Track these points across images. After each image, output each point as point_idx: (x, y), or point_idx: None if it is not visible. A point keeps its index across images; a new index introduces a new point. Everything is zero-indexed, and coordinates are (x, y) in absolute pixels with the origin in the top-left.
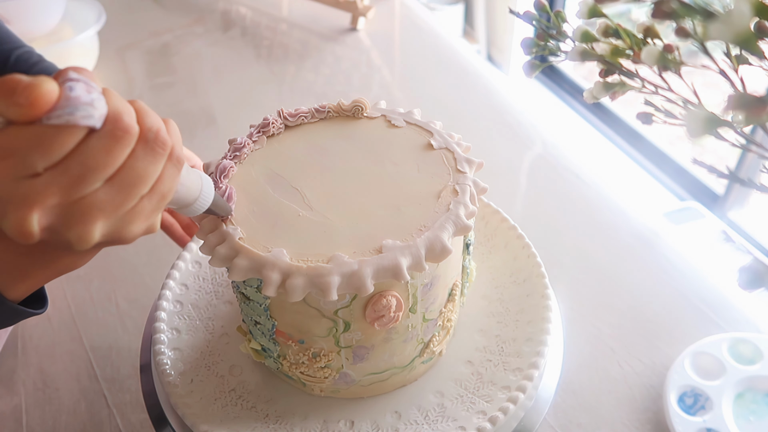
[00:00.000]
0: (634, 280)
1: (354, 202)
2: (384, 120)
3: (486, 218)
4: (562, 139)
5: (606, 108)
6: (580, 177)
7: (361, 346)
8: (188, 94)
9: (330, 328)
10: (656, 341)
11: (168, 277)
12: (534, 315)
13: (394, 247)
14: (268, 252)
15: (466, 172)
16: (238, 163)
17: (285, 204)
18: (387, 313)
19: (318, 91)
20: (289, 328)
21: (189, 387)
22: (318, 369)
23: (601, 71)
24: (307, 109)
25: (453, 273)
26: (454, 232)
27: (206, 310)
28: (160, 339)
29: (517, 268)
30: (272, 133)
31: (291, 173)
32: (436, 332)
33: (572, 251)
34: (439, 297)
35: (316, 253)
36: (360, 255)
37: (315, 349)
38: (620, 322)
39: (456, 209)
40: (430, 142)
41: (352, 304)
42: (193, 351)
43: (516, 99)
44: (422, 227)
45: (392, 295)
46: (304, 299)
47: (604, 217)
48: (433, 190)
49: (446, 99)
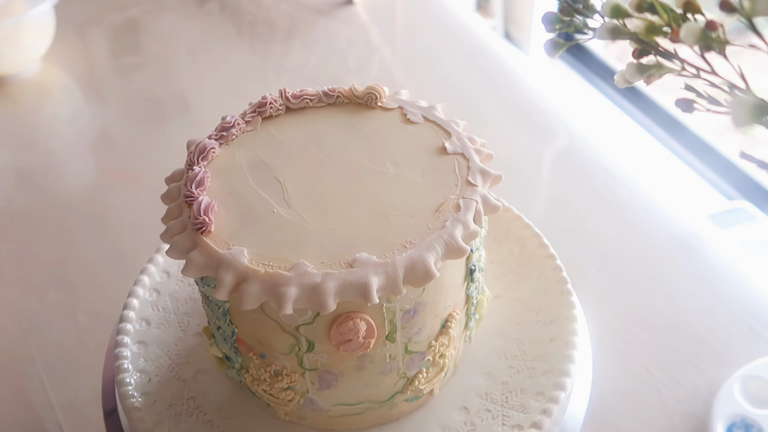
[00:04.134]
0: (674, 291)
1: (338, 204)
2: (400, 113)
3: (522, 241)
4: (591, 129)
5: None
6: (612, 173)
7: (327, 370)
8: (158, 77)
9: (292, 345)
10: (700, 363)
11: (136, 284)
12: (553, 365)
13: (368, 263)
14: (228, 249)
15: (477, 186)
16: (224, 144)
17: (261, 197)
18: (355, 338)
19: (309, 74)
20: (250, 339)
21: (146, 387)
22: (281, 389)
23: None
24: (314, 91)
25: (448, 301)
26: (444, 254)
27: (185, 304)
28: (123, 366)
29: (546, 305)
30: (269, 114)
31: (278, 162)
32: (423, 368)
33: (602, 258)
34: (427, 327)
35: (279, 258)
36: (327, 267)
37: (277, 366)
38: (658, 341)
39: (452, 228)
40: (445, 145)
41: (316, 321)
42: (160, 348)
43: (537, 83)
44: (407, 243)
45: (362, 318)
46: (263, 309)
47: (639, 220)
48: (432, 201)
49: (456, 83)
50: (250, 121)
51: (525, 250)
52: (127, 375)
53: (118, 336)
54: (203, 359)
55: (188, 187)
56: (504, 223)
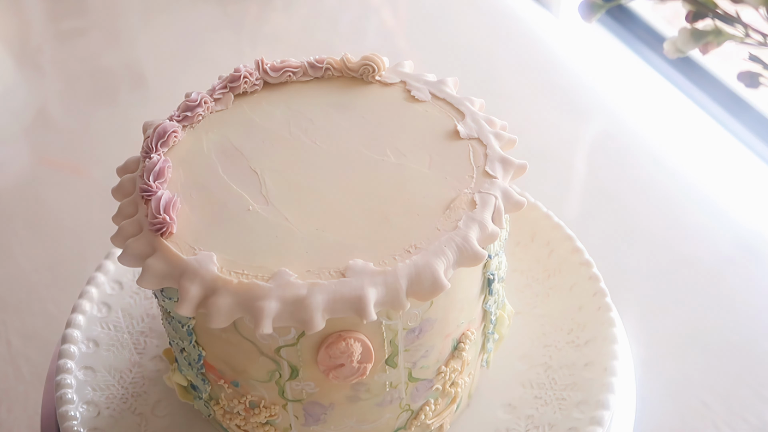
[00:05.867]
0: (738, 307)
1: (327, 200)
2: (403, 89)
3: (552, 245)
4: (635, 108)
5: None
6: (661, 162)
7: (315, 402)
8: (107, 44)
9: (271, 371)
10: (767, 392)
11: (82, 297)
12: (588, 395)
13: (364, 272)
14: (194, 255)
15: (497, 177)
16: (189, 127)
17: (234, 191)
18: (348, 363)
19: (291, 41)
20: (221, 363)
21: (94, 422)
22: (258, 425)
23: (688, 14)
24: (298, 62)
25: (462, 318)
26: (456, 260)
27: (141, 322)
28: (67, 396)
29: (581, 322)
30: (243, 90)
31: (254, 149)
32: (431, 398)
33: (649, 267)
34: (436, 350)
35: (256, 265)
36: (314, 276)
37: (253, 396)
38: (717, 367)
39: (466, 228)
40: (457, 128)
41: (300, 342)
42: (111, 374)
43: (570, 53)
44: (411, 248)
45: (356, 339)
46: (236, 328)
47: (694, 219)
48: (442, 197)
49: (471, 52)
50: (219, 99)
51: (555, 256)
52: (72, 407)
53: (60, 360)
54: (164, 388)
55: (145, 179)
56: (529, 222)
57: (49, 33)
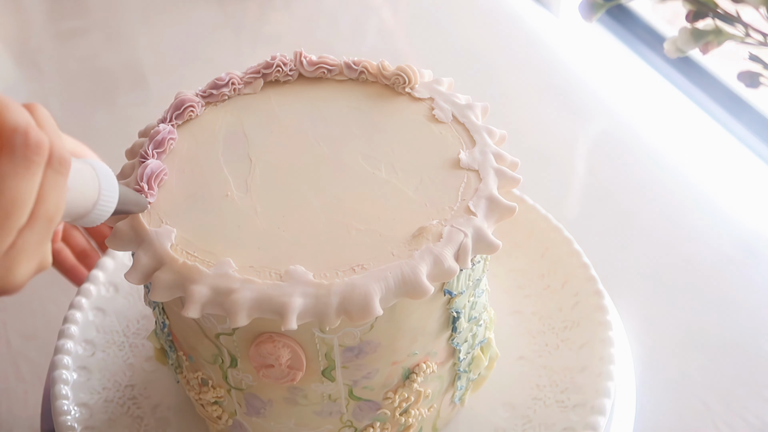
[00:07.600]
0: (735, 305)
1: (302, 200)
2: (428, 107)
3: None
4: (635, 108)
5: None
6: (661, 162)
7: (254, 394)
8: (107, 44)
9: (215, 354)
10: (767, 392)
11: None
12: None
13: (300, 279)
14: (158, 227)
15: (476, 215)
16: (211, 104)
17: (222, 174)
18: (276, 365)
19: (290, 40)
20: (180, 335)
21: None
22: (208, 403)
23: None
24: (335, 60)
25: (415, 349)
26: (397, 290)
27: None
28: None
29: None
30: (275, 78)
31: (259, 138)
32: (377, 421)
33: (648, 266)
34: (381, 374)
35: (206, 250)
36: (253, 273)
37: (204, 374)
38: (716, 366)
39: (419, 260)
40: (460, 156)
41: (236, 333)
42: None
43: (570, 53)
44: (357, 267)
45: (286, 344)
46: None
47: (694, 219)
48: (413, 222)
49: (471, 52)
50: (250, 83)
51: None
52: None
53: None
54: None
55: (146, 146)
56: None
57: (48, 33)
